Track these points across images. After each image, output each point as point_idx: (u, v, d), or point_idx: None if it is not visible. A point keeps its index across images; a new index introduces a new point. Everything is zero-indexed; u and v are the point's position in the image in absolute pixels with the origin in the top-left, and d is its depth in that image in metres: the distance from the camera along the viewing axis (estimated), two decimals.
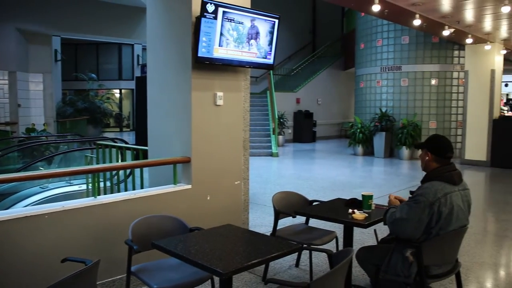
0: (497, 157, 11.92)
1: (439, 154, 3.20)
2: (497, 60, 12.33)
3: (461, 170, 10.71)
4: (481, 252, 5.17)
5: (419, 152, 3.42)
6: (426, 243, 3.07)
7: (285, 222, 4.65)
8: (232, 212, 5.00)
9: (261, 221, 6.31)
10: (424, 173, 3.28)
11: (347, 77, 20.83)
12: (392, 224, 3.16)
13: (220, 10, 4.31)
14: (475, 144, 12.20)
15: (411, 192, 3.30)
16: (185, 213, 4.22)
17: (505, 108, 25.03)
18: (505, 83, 25.05)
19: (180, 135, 4.62)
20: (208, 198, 4.67)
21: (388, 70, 14.00)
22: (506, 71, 19.05)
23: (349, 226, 3.67)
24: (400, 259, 3.17)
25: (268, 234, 4.03)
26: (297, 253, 4.62)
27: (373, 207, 3.68)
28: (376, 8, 7.64)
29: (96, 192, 4.42)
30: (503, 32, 11.13)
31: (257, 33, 4.77)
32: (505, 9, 7.67)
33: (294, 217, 4.15)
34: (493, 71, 12.10)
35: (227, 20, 4.40)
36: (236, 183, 5.02)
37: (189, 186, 4.50)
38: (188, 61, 4.43)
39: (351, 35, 18.57)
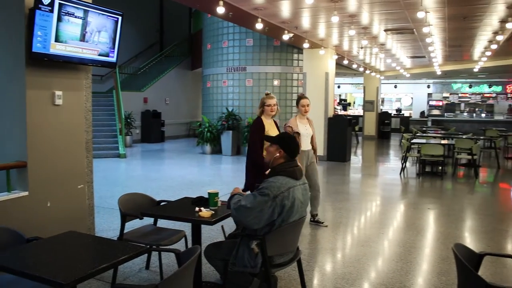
0: (332, 152, 13.12)
1: (291, 154, 3.45)
2: (330, 64, 13.54)
3: None
4: (321, 239, 5.64)
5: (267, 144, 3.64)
6: (269, 235, 3.26)
7: (134, 224, 4.55)
8: (76, 218, 4.74)
9: (109, 225, 6.09)
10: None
11: (195, 77, 21.03)
12: (236, 210, 3.29)
13: (57, 2, 4.04)
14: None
15: (257, 185, 3.47)
16: (22, 222, 3.89)
17: (339, 107, 27.69)
18: (338, 85, 27.60)
19: (14, 138, 4.23)
20: (49, 204, 4.36)
21: (234, 71, 14.47)
22: (338, 74, 21.04)
23: (197, 224, 3.72)
24: (246, 251, 3.32)
25: (116, 238, 3.90)
26: (146, 255, 4.55)
27: (219, 204, 3.78)
28: (220, 10, 7.83)
29: None
30: (335, 39, 12.25)
31: (99, 30, 4.58)
32: (334, 19, 8.43)
33: (141, 218, 4.08)
34: (327, 74, 13.25)
35: (65, 14, 4.14)
36: (79, 187, 4.77)
37: (26, 193, 4.15)
38: (21, 57, 4.08)
39: (198, 35, 18.75)
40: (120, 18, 4.78)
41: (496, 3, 8.16)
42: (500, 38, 10.76)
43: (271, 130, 5.27)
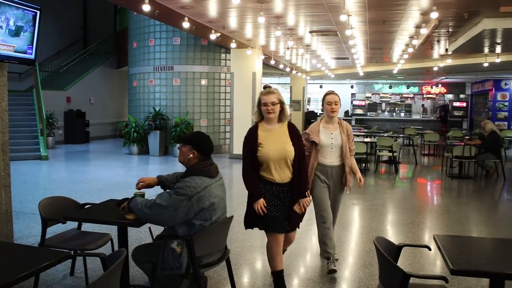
0: None
1: (205, 153, 3.45)
2: (257, 64, 13.68)
3: (230, 164, 11.47)
4: (249, 238, 5.69)
5: (178, 145, 3.61)
6: (196, 236, 3.25)
7: (57, 229, 4.38)
8: None
9: (29, 231, 5.80)
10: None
11: (121, 76, 20.46)
12: (150, 208, 3.22)
13: None
14: (241, 140, 13.29)
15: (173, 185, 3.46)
16: None
17: None
18: (264, 85, 27.93)
19: None
20: None
21: (161, 70, 14.26)
22: (265, 74, 21.30)
23: (123, 226, 3.64)
24: (170, 253, 3.29)
25: (37, 244, 3.72)
26: (71, 261, 4.38)
27: None
28: (146, 8, 7.68)
29: None
30: (262, 39, 12.40)
31: (15, 24, 4.34)
32: (261, 19, 8.54)
33: (63, 223, 3.93)
34: (254, 74, 13.39)
35: None
36: None
37: None
38: None
39: (124, 33, 18.27)
40: (38, 12, 4.57)
41: (411, 10, 8.63)
42: (415, 42, 11.39)
43: (272, 141, 3.79)
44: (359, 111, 27.58)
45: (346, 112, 27.55)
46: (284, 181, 3.80)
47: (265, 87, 3.92)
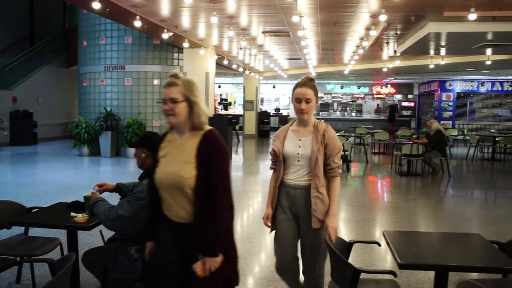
0: None
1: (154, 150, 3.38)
2: (211, 64, 13.67)
3: None
4: None
5: (134, 151, 3.53)
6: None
7: (2, 235, 4.21)
8: None
9: None
10: None
11: (71, 75, 19.82)
12: (112, 220, 3.10)
13: None
14: None
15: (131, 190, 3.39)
16: None
17: (219, 107, 28.02)
18: (218, 84, 27.91)
19: None
20: None
21: (112, 69, 13.97)
22: (218, 74, 21.27)
23: (72, 230, 3.55)
24: (125, 257, 3.23)
25: None
26: (17, 267, 4.22)
27: None
28: (96, 5, 7.53)
29: None
30: (215, 39, 12.40)
31: None
32: (214, 19, 8.52)
33: (9, 228, 3.79)
34: (207, 73, 13.37)
35: None
36: None
37: None
38: None
39: (73, 31, 17.71)
40: None
41: (361, 12, 8.86)
42: (365, 44, 11.69)
43: (170, 158, 2.55)
44: None
45: None
46: (182, 220, 2.48)
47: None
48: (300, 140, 3.20)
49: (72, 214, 3.45)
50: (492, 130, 19.10)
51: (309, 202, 3.10)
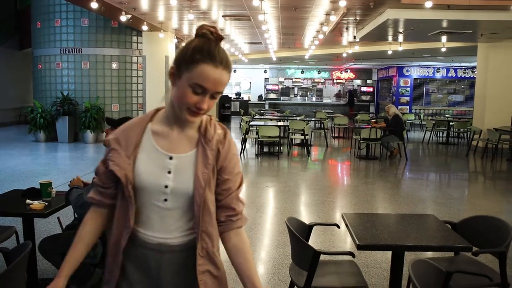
0: None
1: None
2: (170, 48, 13.46)
3: None
4: None
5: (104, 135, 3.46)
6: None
7: None
8: None
9: None
10: None
11: (24, 58, 19.11)
12: (80, 207, 3.09)
13: None
14: None
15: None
16: None
17: None
18: None
19: None
20: None
21: (69, 52, 13.55)
22: None
23: (28, 218, 3.46)
24: None
25: None
26: None
27: (53, 194, 3.56)
28: None
29: None
30: (174, 22, 12.19)
31: None
32: (173, 2, 8.38)
33: None
34: (167, 57, 13.18)
35: None
36: None
37: None
38: None
39: (26, 12, 17.02)
40: None
41: None
42: (325, 29, 11.77)
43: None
44: (272, 96, 28.09)
45: (260, 97, 27.94)
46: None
47: None
48: (171, 158, 1.61)
49: (28, 201, 3.37)
50: (446, 115, 19.70)
51: (190, 281, 1.65)
